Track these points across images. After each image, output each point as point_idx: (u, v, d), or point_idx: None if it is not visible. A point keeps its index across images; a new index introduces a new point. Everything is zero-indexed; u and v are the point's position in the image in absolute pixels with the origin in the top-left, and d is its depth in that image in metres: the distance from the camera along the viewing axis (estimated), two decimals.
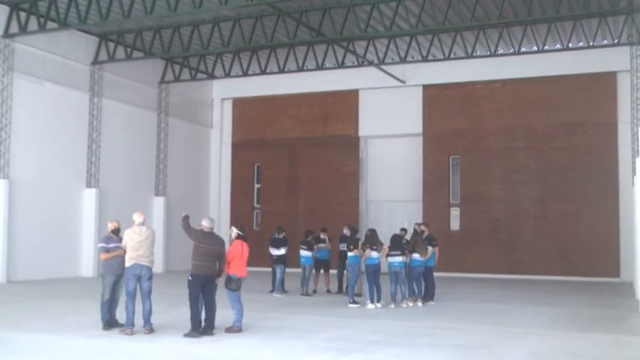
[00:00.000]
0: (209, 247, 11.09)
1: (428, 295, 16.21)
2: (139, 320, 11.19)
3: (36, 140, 22.43)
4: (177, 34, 23.67)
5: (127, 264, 11.21)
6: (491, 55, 24.81)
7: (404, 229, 17.25)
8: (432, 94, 27.73)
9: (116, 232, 11.82)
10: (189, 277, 11.08)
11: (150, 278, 11.33)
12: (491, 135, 26.85)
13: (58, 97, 23.32)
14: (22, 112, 21.88)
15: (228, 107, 31.49)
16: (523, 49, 24.42)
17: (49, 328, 11.82)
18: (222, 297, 11.62)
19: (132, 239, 11.20)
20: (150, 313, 11.24)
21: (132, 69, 26.19)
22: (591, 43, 23.53)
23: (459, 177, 27.51)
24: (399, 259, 15.48)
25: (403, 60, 25.11)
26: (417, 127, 27.83)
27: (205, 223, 11.41)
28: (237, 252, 11.53)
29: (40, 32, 21.43)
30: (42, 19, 21.10)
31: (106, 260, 11.67)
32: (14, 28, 21.47)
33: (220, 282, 11.43)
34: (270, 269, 18.85)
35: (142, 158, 27.05)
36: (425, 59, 25.07)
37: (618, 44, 23.16)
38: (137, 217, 11.48)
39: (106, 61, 24.74)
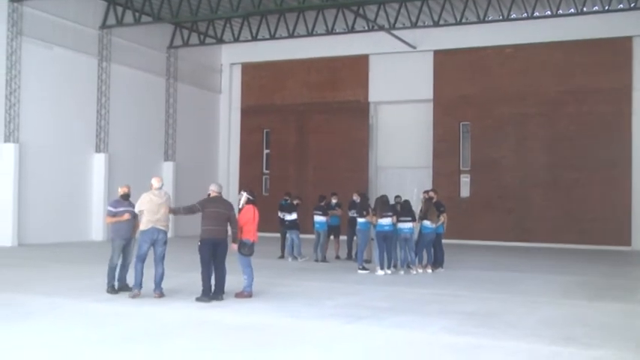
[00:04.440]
0: (215, 210, 11.02)
1: (437, 262, 16.16)
2: (149, 284, 11.19)
3: (45, 105, 22.39)
4: None
5: (144, 227, 11.09)
6: (503, 20, 24.43)
7: (398, 197, 17.08)
8: (443, 60, 27.39)
9: (126, 196, 11.79)
10: (199, 242, 11.06)
11: (165, 243, 11.30)
12: (502, 101, 26.56)
13: (67, 61, 23.22)
14: (31, 76, 21.81)
15: (237, 72, 31.27)
16: (536, 14, 24.08)
17: (59, 291, 11.85)
18: (232, 262, 11.60)
19: (151, 202, 11.07)
20: (162, 277, 11.23)
21: (140, 34, 26.01)
22: (606, 7, 23.11)
23: (469, 144, 27.31)
24: (409, 225, 15.41)
25: (414, 25, 24.80)
26: (428, 93, 27.56)
27: (213, 187, 11.37)
28: (249, 217, 11.44)
29: None
30: None
31: (114, 224, 11.64)
32: None
33: (234, 247, 11.35)
34: (278, 235, 18.80)
35: (150, 123, 26.99)
36: (436, 24, 24.73)
37: (634, 8, 22.73)
38: (156, 182, 11.35)
39: (115, 26, 24.51)
